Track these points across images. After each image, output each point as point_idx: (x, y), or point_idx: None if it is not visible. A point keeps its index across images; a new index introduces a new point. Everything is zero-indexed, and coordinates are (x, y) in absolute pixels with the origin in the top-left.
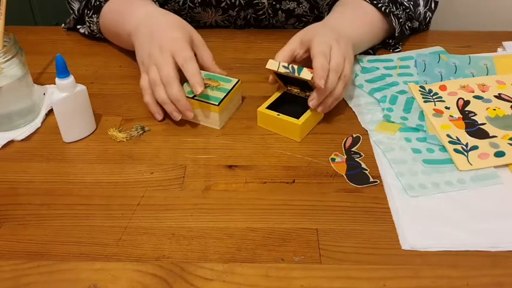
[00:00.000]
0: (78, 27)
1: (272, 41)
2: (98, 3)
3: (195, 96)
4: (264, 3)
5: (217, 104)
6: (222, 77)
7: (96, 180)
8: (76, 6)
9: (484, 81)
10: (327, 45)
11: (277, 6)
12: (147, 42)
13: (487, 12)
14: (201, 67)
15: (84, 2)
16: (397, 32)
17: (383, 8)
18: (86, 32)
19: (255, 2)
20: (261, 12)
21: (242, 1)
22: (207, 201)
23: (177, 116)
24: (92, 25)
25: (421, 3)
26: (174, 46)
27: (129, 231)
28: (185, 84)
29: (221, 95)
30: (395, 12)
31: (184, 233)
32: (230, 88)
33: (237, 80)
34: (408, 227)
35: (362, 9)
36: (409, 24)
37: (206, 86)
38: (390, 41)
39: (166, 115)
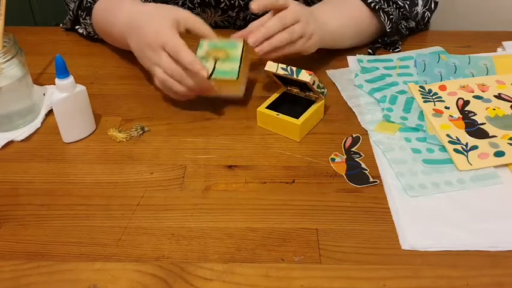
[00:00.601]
0: (77, 27)
1: None
2: (88, 4)
3: (211, 75)
4: None
5: (236, 77)
6: (226, 42)
7: (96, 181)
8: (72, 6)
9: (484, 81)
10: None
11: None
12: (137, 44)
13: (487, 12)
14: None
15: (77, 3)
16: (387, 28)
17: (372, 4)
18: (84, 33)
19: None
20: (260, 13)
21: (241, 2)
22: (207, 201)
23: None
24: (87, 27)
25: (420, 3)
26: (160, 40)
27: (128, 231)
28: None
29: (235, 65)
30: (386, 9)
31: (184, 233)
32: (240, 55)
33: (242, 41)
34: (408, 227)
35: (349, 3)
36: (405, 24)
37: (216, 59)
38: (386, 39)
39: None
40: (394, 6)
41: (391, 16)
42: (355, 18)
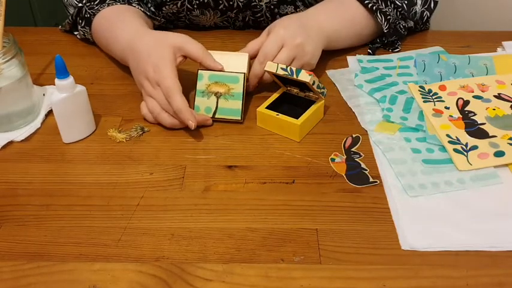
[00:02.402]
0: (75, 33)
1: None
2: (88, 15)
3: (214, 114)
4: (262, 6)
5: (239, 118)
6: (227, 75)
7: (96, 181)
8: (71, 11)
9: (484, 81)
10: (280, 40)
11: (275, 10)
12: (136, 70)
13: (487, 12)
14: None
15: (77, 10)
16: (385, 29)
17: (370, 5)
18: (82, 38)
19: (253, 4)
20: (259, 14)
21: (240, 3)
22: (207, 202)
23: (192, 125)
24: (86, 34)
25: (419, 2)
26: (157, 77)
27: (128, 231)
28: (197, 106)
29: (238, 104)
30: (384, 10)
31: (184, 234)
32: (242, 90)
33: (243, 74)
34: (408, 227)
35: (345, 4)
36: (404, 24)
37: (217, 95)
38: (384, 39)
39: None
40: (392, 6)
41: (389, 17)
42: (352, 20)
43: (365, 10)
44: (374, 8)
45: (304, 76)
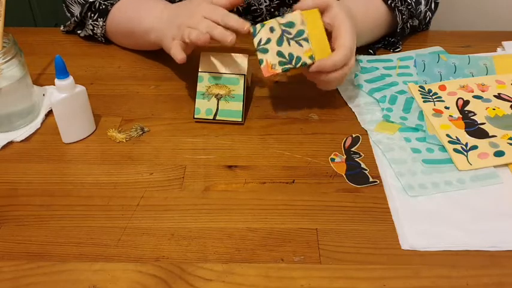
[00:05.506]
0: (78, 32)
1: None
2: (103, 6)
3: (215, 117)
4: (262, 9)
5: (240, 119)
6: (227, 77)
7: (96, 181)
8: (77, 10)
9: (484, 81)
10: (353, 46)
11: (275, 13)
12: (173, 21)
13: (487, 12)
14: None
15: (87, 5)
16: (398, 28)
17: (389, 2)
18: (87, 35)
19: (253, 8)
20: (259, 19)
21: (240, 8)
22: (207, 202)
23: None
24: (96, 28)
25: (423, 1)
26: (204, 9)
27: (128, 231)
28: (197, 108)
29: (238, 106)
30: (400, 8)
31: (184, 234)
32: (243, 92)
33: (243, 75)
34: (408, 227)
35: (373, 3)
36: (410, 22)
37: (218, 97)
38: (390, 38)
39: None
40: (405, 4)
41: (404, 16)
42: (375, 19)
43: (386, 8)
44: (393, 5)
45: (306, 59)
